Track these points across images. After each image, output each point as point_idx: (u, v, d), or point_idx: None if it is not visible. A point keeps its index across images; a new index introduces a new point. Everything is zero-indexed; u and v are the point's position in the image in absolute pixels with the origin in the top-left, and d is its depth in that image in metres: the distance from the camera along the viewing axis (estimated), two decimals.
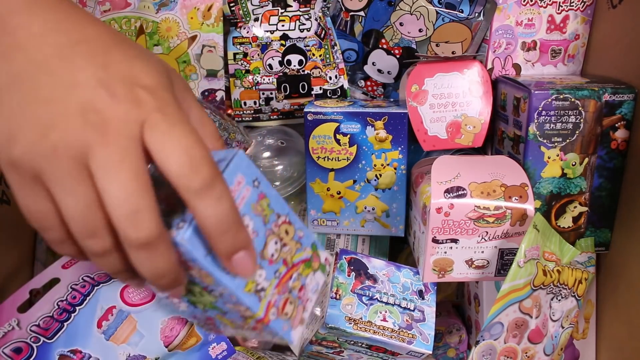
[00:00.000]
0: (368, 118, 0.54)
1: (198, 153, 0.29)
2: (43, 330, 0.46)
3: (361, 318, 0.49)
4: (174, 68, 0.36)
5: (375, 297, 0.51)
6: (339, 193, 0.58)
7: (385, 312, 0.50)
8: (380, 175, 0.57)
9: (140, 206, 0.28)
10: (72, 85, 0.28)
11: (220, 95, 0.61)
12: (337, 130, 0.56)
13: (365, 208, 0.59)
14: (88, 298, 0.48)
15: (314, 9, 0.62)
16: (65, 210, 0.28)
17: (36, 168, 0.28)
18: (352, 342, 0.51)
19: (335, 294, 0.50)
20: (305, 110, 0.56)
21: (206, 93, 0.61)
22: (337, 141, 0.56)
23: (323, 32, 0.62)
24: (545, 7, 0.58)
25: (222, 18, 0.59)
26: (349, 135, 0.56)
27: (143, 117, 0.28)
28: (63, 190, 0.28)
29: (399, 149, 0.55)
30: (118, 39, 0.32)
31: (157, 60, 0.33)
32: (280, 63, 0.62)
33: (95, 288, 0.48)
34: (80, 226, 0.28)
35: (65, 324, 0.47)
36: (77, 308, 0.48)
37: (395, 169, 0.56)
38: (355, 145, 0.56)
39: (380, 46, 0.63)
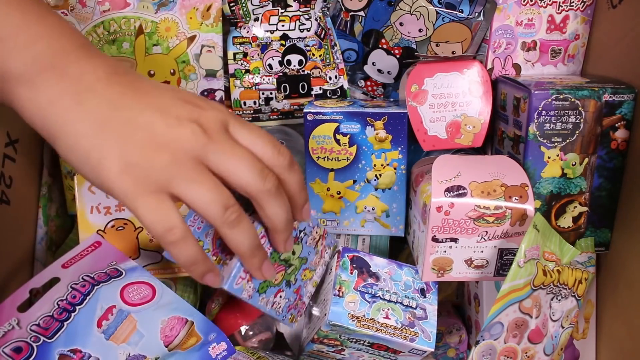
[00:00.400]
0: (368, 118, 0.54)
1: (273, 144, 0.38)
2: (43, 329, 0.46)
3: (364, 315, 0.49)
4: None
5: (377, 295, 0.51)
6: (338, 193, 0.58)
7: (388, 309, 0.50)
8: (380, 175, 0.57)
9: (262, 166, 0.36)
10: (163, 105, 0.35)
11: (219, 95, 0.61)
12: (336, 131, 0.56)
13: (365, 208, 0.59)
14: (88, 297, 0.48)
15: (314, 9, 0.62)
16: (200, 200, 0.34)
17: (159, 177, 0.33)
18: (354, 340, 0.51)
19: (339, 291, 0.50)
20: (304, 110, 0.56)
21: (205, 93, 0.61)
22: (337, 141, 0.56)
23: (323, 32, 0.62)
24: (545, 7, 0.58)
25: (221, 18, 0.59)
26: (348, 136, 0.56)
27: (226, 117, 0.37)
28: (195, 186, 0.34)
29: (399, 149, 0.55)
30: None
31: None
32: (280, 63, 0.62)
33: (95, 287, 0.48)
34: (218, 205, 0.34)
35: (65, 323, 0.47)
36: (77, 307, 0.47)
37: (395, 168, 0.56)
38: (355, 145, 0.56)
39: (380, 46, 0.63)
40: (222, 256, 0.45)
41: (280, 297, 0.51)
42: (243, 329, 0.58)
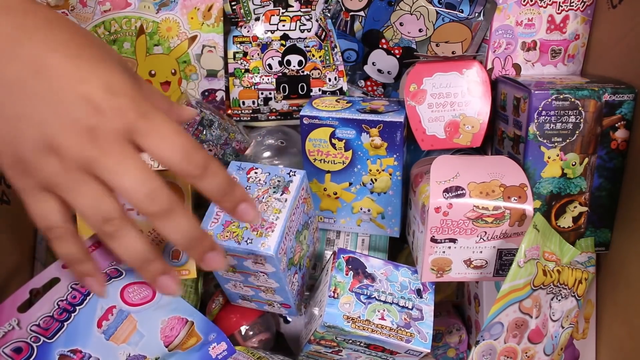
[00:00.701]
0: (363, 125, 0.54)
1: (187, 144, 0.35)
2: (43, 330, 0.46)
3: (359, 317, 0.49)
4: (122, 57, 0.41)
5: (373, 296, 0.51)
6: (335, 194, 0.58)
7: (384, 310, 0.50)
8: (376, 179, 0.57)
9: (152, 187, 0.34)
10: (58, 104, 0.33)
11: (220, 95, 0.62)
12: (332, 135, 0.56)
13: (361, 209, 0.59)
14: (88, 298, 0.48)
15: (315, 10, 0.62)
16: (80, 210, 0.34)
17: (45, 181, 0.33)
18: (350, 341, 0.51)
19: (334, 292, 0.50)
20: (301, 113, 0.56)
21: (206, 93, 0.61)
22: (333, 145, 0.56)
23: (324, 33, 0.62)
24: (545, 7, 0.58)
25: (222, 18, 0.59)
26: (344, 141, 0.56)
27: (129, 124, 0.33)
28: (76, 196, 0.33)
29: (394, 156, 0.55)
30: (87, 42, 0.35)
31: (113, 54, 0.38)
32: (280, 63, 0.62)
33: None
34: (96, 217, 0.34)
35: (66, 323, 0.47)
36: (77, 308, 0.48)
37: (390, 174, 0.56)
38: (351, 150, 0.56)
39: (380, 46, 0.63)
40: (262, 230, 0.48)
41: (296, 278, 0.52)
42: (243, 329, 0.59)
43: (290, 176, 0.51)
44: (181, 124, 0.51)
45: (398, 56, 0.63)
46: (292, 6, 0.61)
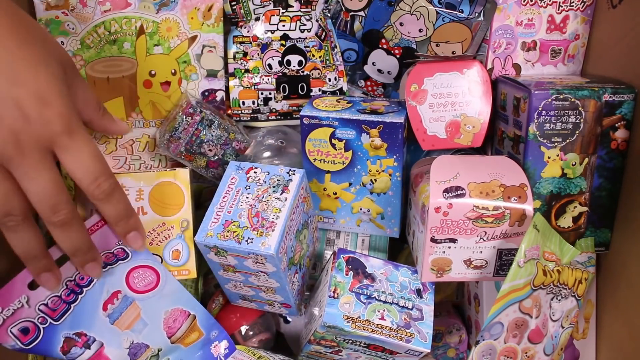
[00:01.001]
0: (363, 126, 0.54)
1: (98, 170, 0.39)
2: (51, 310, 0.47)
3: (359, 317, 0.49)
4: (65, 52, 0.42)
5: (373, 296, 0.51)
6: (335, 194, 0.59)
7: (384, 310, 0.50)
8: (376, 180, 0.57)
9: (57, 200, 0.38)
10: None
11: (220, 95, 0.62)
12: (332, 135, 0.56)
13: (361, 209, 0.59)
14: (95, 280, 0.48)
15: (315, 10, 0.62)
16: None
17: None
18: (350, 341, 0.51)
19: (334, 292, 0.50)
20: (301, 113, 0.56)
21: (206, 93, 0.61)
22: (333, 145, 0.56)
23: (323, 33, 0.62)
24: (545, 7, 0.58)
25: (222, 18, 0.59)
26: (344, 141, 0.56)
27: (52, 136, 0.36)
28: None
29: (394, 157, 0.55)
30: (28, 37, 0.37)
31: (54, 52, 0.39)
32: (280, 63, 0.62)
33: (102, 270, 0.48)
34: (1, 209, 0.37)
35: (72, 305, 0.47)
36: (85, 289, 0.48)
37: (390, 175, 0.56)
38: (351, 151, 0.56)
39: (380, 46, 0.63)
40: (262, 230, 0.48)
41: (296, 277, 0.52)
42: (243, 328, 0.59)
43: (289, 175, 0.51)
44: (110, 134, 0.54)
45: (398, 56, 0.63)
46: (292, 6, 0.61)
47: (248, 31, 0.62)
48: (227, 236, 0.48)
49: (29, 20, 0.39)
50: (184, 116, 0.56)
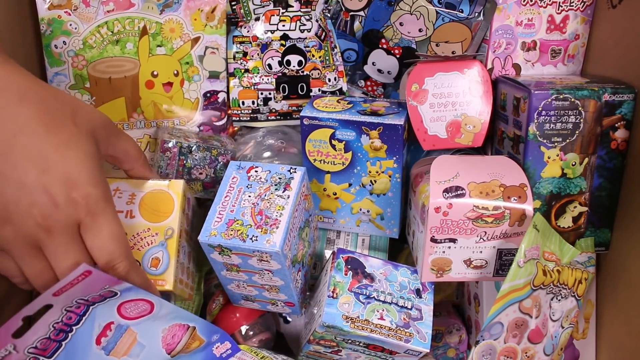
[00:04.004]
0: (363, 127, 0.54)
1: (116, 252, 0.41)
2: (41, 350, 0.44)
3: (358, 317, 0.49)
4: (99, 115, 0.43)
5: (372, 296, 0.51)
6: (334, 194, 0.59)
7: (383, 310, 0.50)
8: (375, 181, 0.57)
9: None
10: (20, 187, 0.37)
11: (222, 96, 0.62)
12: (332, 136, 0.56)
13: (361, 210, 0.59)
14: (84, 317, 0.46)
15: (315, 10, 0.62)
16: (25, 273, 0.41)
17: (2, 246, 0.39)
18: (349, 341, 0.51)
19: (333, 292, 0.50)
20: (301, 114, 0.56)
21: (208, 95, 0.61)
22: (333, 146, 0.56)
23: (323, 33, 0.62)
24: (545, 7, 0.58)
25: (225, 20, 0.60)
26: (344, 142, 0.56)
27: (79, 217, 0.39)
28: (23, 264, 0.40)
29: (394, 158, 0.55)
30: (56, 121, 0.39)
31: (86, 125, 0.41)
32: (280, 63, 0.62)
33: (91, 308, 0.46)
34: (35, 283, 0.41)
35: (63, 343, 0.45)
36: (74, 327, 0.46)
37: (390, 176, 0.56)
38: (351, 152, 0.56)
39: (380, 46, 0.63)
40: (266, 227, 0.48)
41: (299, 275, 0.52)
42: (243, 328, 0.59)
43: (291, 173, 0.51)
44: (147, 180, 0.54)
45: (398, 56, 0.63)
46: (292, 6, 0.61)
47: (248, 31, 0.62)
48: (231, 235, 0.48)
49: (57, 97, 0.40)
50: (162, 154, 0.56)
